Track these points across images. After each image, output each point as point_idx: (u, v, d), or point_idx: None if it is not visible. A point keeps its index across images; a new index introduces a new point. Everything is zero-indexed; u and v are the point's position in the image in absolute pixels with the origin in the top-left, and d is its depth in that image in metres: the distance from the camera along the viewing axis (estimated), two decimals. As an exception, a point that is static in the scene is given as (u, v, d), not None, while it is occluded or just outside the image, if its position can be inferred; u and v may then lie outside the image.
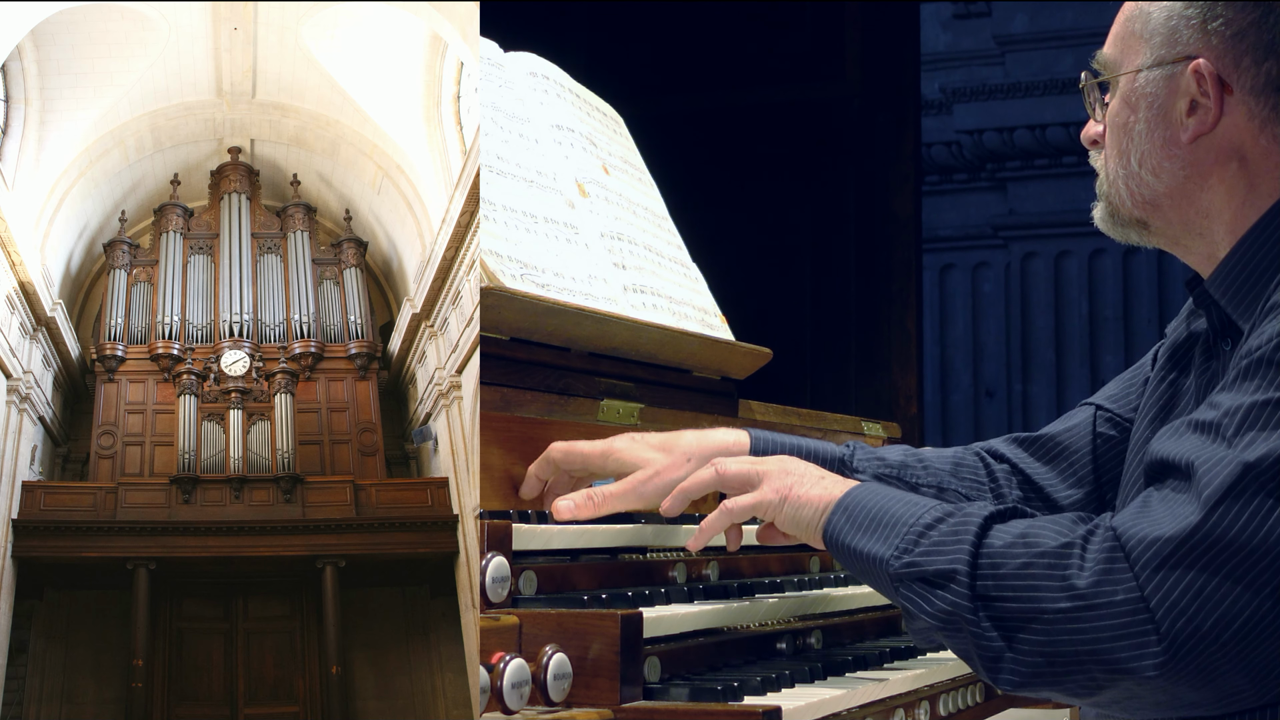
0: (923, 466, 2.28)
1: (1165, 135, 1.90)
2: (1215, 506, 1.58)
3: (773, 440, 2.24)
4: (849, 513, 1.85)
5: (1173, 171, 1.90)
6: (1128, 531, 1.63)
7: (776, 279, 6.31)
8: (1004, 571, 1.67)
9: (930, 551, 1.73)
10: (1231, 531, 1.57)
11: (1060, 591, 1.62)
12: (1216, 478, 1.59)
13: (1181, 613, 1.57)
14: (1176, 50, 1.88)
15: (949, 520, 1.75)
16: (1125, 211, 1.97)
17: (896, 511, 1.80)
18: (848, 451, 2.27)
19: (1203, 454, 1.62)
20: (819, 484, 1.93)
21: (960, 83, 10.08)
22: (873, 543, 1.79)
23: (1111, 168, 1.97)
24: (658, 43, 6.51)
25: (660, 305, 2.64)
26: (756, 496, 1.97)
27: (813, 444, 2.27)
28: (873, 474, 2.23)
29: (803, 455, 2.21)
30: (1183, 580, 1.58)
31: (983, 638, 1.66)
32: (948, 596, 1.69)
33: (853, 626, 2.39)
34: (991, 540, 1.70)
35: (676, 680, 1.83)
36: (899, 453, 2.30)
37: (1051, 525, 1.70)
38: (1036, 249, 9.93)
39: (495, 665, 1.56)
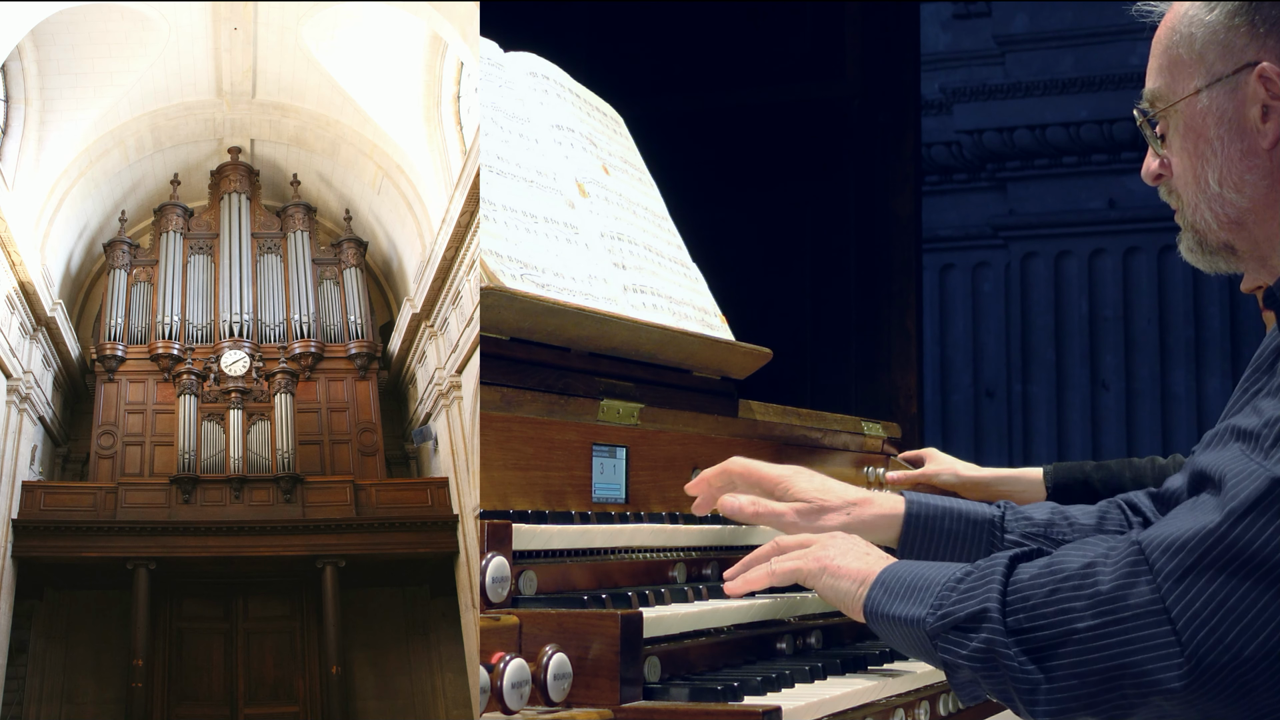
0: (1068, 524, 2.26)
1: (1243, 147, 1.85)
2: (1241, 517, 1.57)
3: (928, 503, 2.25)
4: (886, 586, 1.88)
5: (1255, 183, 1.85)
6: (1148, 538, 1.63)
7: (776, 279, 6.31)
8: (1034, 602, 1.68)
9: (962, 599, 1.75)
10: (1256, 544, 1.56)
11: (1087, 608, 1.63)
12: (1245, 489, 1.58)
13: (1203, 623, 1.56)
14: (1234, 61, 1.84)
15: (979, 568, 1.77)
16: (1213, 237, 1.91)
17: (930, 576, 1.83)
18: (998, 512, 2.26)
19: (1235, 465, 1.62)
20: (861, 559, 1.96)
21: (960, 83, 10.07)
22: (909, 607, 1.81)
23: (1190, 196, 1.91)
24: (658, 43, 6.50)
25: (660, 305, 2.64)
26: (798, 563, 2.01)
27: (966, 505, 2.27)
28: (1020, 534, 2.22)
29: (955, 518, 2.23)
30: (1205, 590, 1.57)
31: (1019, 671, 1.67)
32: (982, 635, 1.70)
33: (853, 626, 2.39)
34: (1019, 575, 1.72)
35: (676, 680, 1.83)
36: (1046, 511, 2.28)
37: (1077, 549, 1.71)
38: (1036, 249, 9.92)
39: (495, 665, 1.56)
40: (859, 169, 6.23)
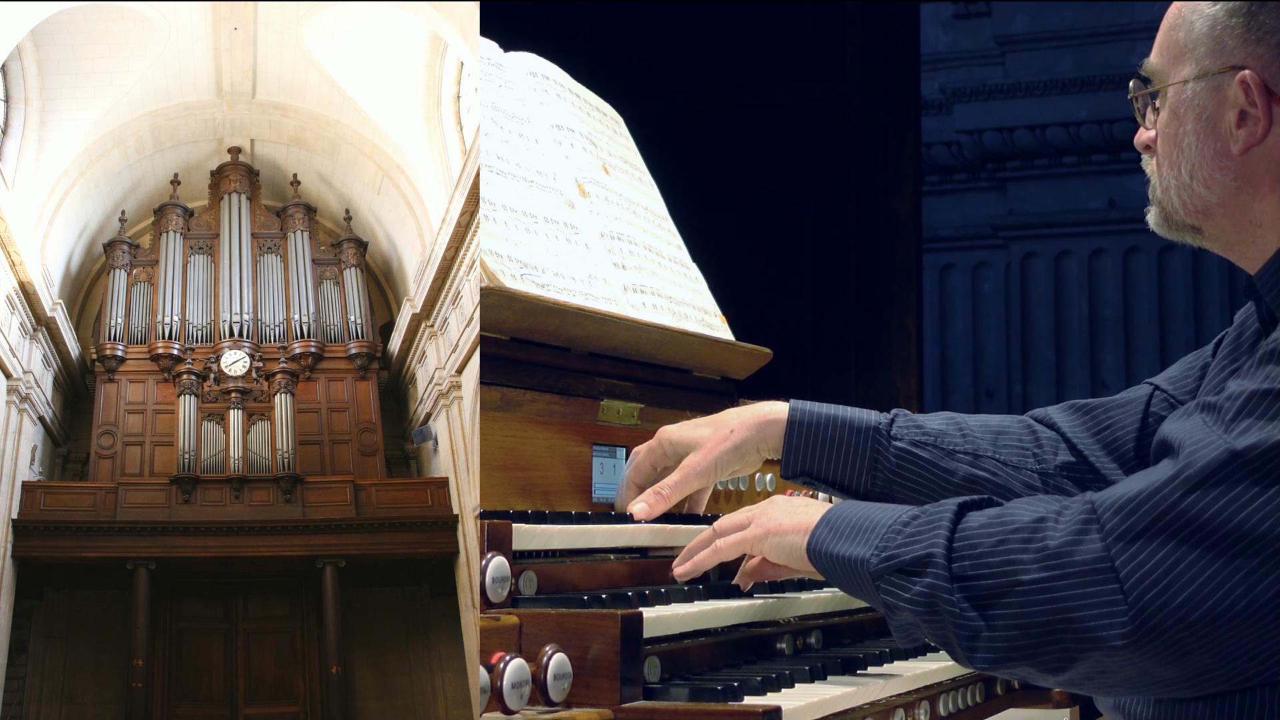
0: (961, 434, 2.23)
1: (1215, 147, 1.88)
2: (1195, 486, 1.59)
3: (811, 410, 2.22)
4: (831, 525, 1.88)
5: (1224, 183, 1.88)
6: (1101, 498, 1.65)
7: (776, 279, 6.31)
8: (980, 550, 1.68)
9: (907, 542, 1.75)
10: (1208, 513, 1.58)
11: (1034, 560, 1.64)
12: (1201, 459, 1.60)
13: (1151, 585, 1.58)
14: (1221, 60, 1.86)
15: (926, 513, 1.77)
16: (1179, 218, 1.96)
17: (876, 517, 1.83)
18: (886, 419, 2.23)
19: (1195, 434, 1.64)
20: (803, 512, 1.96)
21: (960, 83, 10.06)
22: (853, 547, 1.82)
23: (1164, 175, 1.96)
24: (658, 42, 6.51)
25: (660, 305, 2.64)
26: (741, 535, 2.01)
27: (851, 413, 2.24)
28: (909, 441, 2.20)
29: (840, 424, 2.20)
30: (1156, 554, 1.59)
31: (961, 618, 1.68)
32: (925, 580, 1.71)
33: (853, 626, 2.39)
34: (968, 523, 1.72)
35: (676, 680, 1.83)
36: (941, 420, 2.26)
37: (1028, 504, 1.72)
38: (1036, 249, 9.91)
39: (495, 665, 1.56)
40: (859, 169, 6.23)
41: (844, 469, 2.20)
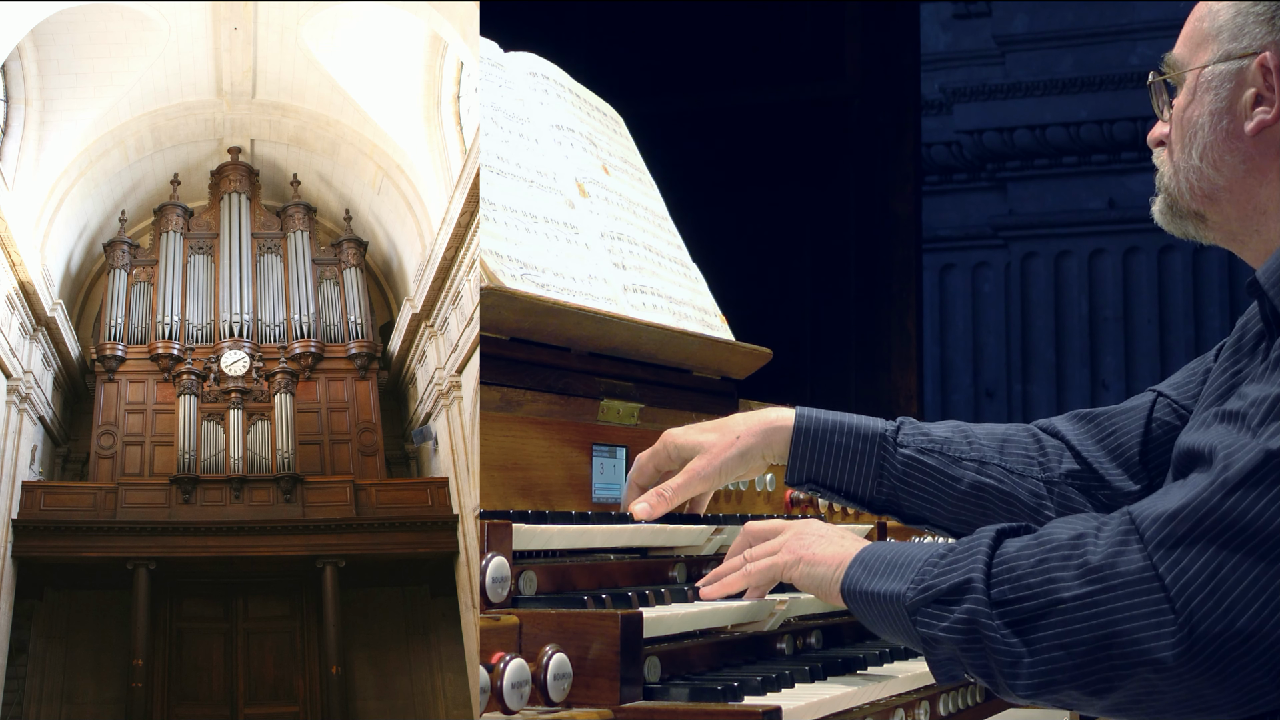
0: (967, 442, 2.22)
1: (1229, 127, 1.91)
2: (1235, 489, 1.58)
3: (818, 417, 2.22)
4: (865, 564, 1.86)
5: (1233, 165, 1.91)
6: (1140, 511, 1.63)
7: (776, 279, 6.32)
8: (1019, 572, 1.66)
9: (944, 572, 1.73)
10: (1250, 514, 1.56)
11: (1075, 577, 1.62)
12: (1237, 462, 1.59)
13: (1198, 590, 1.56)
14: (1244, 45, 1.90)
15: (962, 544, 1.75)
16: (1184, 204, 1.98)
17: (912, 553, 1.81)
18: (892, 426, 2.22)
19: (1225, 439, 1.62)
20: (837, 544, 1.94)
21: (960, 83, 10.07)
22: (889, 583, 1.80)
23: (1175, 159, 1.98)
24: (658, 43, 6.51)
25: (660, 305, 2.64)
26: (772, 560, 1.99)
27: (858, 420, 2.23)
28: (915, 448, 2.19)
29: (846, 431, 2.20)
30: (1199, 559, 1.57)
31: (1001, 644, 1.65)
32: (964, 606, 1.68)
33: (853, 626, 2.39)
34: (1005, 548, 1.70)
35: (676, 680, 1.83)
36: (947, 428, 2.25)
37: (1066, 523, 1.70)
38: (1036, 249, 9.92)
39: (495, 665, 1.56)
40: (859, 169, 6.23)
41: (850, 476, 2.19)
